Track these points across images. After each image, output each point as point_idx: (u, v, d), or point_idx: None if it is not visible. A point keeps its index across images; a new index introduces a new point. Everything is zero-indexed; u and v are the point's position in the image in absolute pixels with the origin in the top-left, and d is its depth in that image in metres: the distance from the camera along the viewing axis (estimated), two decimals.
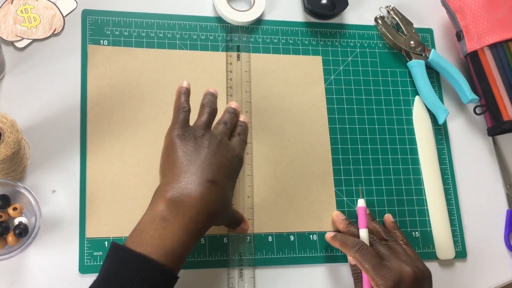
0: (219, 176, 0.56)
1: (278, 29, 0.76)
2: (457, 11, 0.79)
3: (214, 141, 0.58)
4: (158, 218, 0.53)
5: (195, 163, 0.56)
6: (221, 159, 0.57)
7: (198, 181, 0.54)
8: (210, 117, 0.61)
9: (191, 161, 0.56)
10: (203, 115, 0.61)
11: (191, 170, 0.55)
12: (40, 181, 0.64)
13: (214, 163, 0.56)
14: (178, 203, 0.53)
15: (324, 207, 0.70)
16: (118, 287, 0.49)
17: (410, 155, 0.76)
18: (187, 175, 0.55)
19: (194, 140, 0.57)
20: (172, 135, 0.58)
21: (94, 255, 0.63)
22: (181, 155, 0.56)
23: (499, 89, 0.77)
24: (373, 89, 0.77)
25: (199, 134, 0.58)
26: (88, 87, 0.68)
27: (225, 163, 0.57)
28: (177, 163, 0.56)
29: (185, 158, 0.56)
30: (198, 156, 0.56)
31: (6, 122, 0.56)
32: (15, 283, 0.61)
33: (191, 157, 0.56)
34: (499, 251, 0.75)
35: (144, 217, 0.54)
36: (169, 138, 0.58)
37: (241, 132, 0.63)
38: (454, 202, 0.75)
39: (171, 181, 0.55)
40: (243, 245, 0.67)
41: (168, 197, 0.53)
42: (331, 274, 0.69)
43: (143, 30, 0.72)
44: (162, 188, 0.55)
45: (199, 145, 0.57)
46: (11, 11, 0.69)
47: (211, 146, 0.57)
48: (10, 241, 0.59)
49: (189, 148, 0.57)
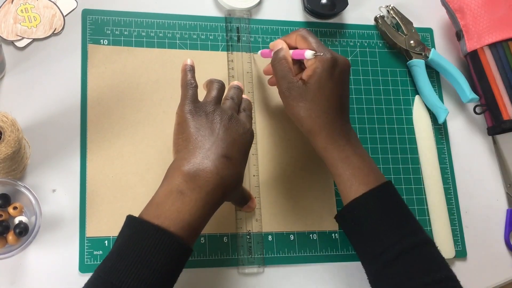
0: (233, 151, 0.57)
1: (278, 29, 0.77)
2: (457, 10, 0.79)
3: (225, 117, 0.59)
4: (175, 191, 0.53)
5: (209, 138, 0.57)
6: (234, 134, 0.58)
7: (214, 156, 0.55)
8: (219, 93, 0.62)
9: (205, 137, 0.57)
10: (213, 90, 0.62)
11: (206, 146, 0.56)
12: (40, 180, 0.64)
13: (227, 138, 0.57)
14: (195, 177, 0.54)
15: (324, 206, 0.70)
16: (136, 258, 0.50)
17: (410, 154, 0.76)
18: (202, 151, 0.56)
19: (205, 115, 0.58)
20: (184, 111, 0.59)
21: (94, 254, 0.63)
22: (194, 131, 0.57)
23: (499, 89, 0.77)
24: (373, 88, 0.77)
25: (210, 110, 0.59)
26: (88, 86, 0.68)
27: (238, 138, 0.58)
28: (191, 139, 0.57)
29: (198, 134, 0.57)
30: (212, 131, 0.57)
31: (7, 121, 0.56)
32: (15, 283, 0.61)
33: (204, 132, 0.57)
34: (499, 250, 0.75)
35: (160, 191, 0.55)
36: (181, 114, 0.59)
37: (246, 108, 0.64)
38: (454, 202, 0.75)
39: (187, 156, 0.56)
40: (250, 222, 0.68)
41: (185, 171, 0.54)
42: (331, 274, 0.69)
43: (143, 30, 0.72)
44: (178, 162, 0.56)
45: (211, 120, 0.58)
46: (11, 11, 0.69)
47: (223, 122, 0.58)
48: (10, 240, 0.59)
49: (202, 124, 0.58)
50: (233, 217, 0.68)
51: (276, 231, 0.68)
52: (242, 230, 0.67)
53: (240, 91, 0.65)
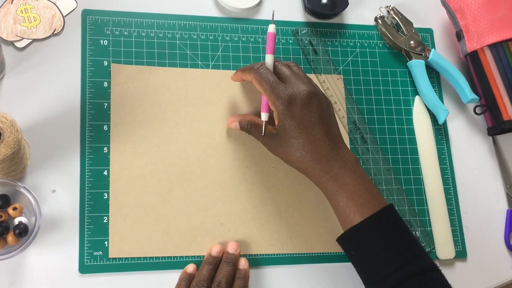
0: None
1: (278, 29, 0.76)
2: (457, 11, 0.79)
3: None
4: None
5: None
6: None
7: None
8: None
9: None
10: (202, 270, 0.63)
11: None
12: (40, 181, 0.64)
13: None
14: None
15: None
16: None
17: (410, 155, 0.76)
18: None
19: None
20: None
21: (94, 255, 0.63)
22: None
23: (499, 89, 0.77)
24: (373, 89, 0.77)
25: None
26: (111, 106, 0.67)
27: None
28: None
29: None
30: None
31: (6, 122, 0.56)
32: (15, 283, 0.61)
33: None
34: (499, 251, 0.75)
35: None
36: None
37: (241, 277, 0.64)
38: (454, 202, 0.75)
39: None
40: None
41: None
42: (330, 273, 0.69)
43: (143, 30, 0.72)
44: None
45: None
46: (11, 11, 0.69)
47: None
48: (10, 241, 0.59)
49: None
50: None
51: (297, 253, 0.68)
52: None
53: (232, 266, 0.64)
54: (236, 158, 0.69)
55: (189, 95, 0.70)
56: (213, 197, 0.67)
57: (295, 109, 0.61)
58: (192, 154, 0.68)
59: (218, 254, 0.64)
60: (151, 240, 0.64)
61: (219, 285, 0.61)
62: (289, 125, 0.61)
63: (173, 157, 0.67)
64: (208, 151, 0.69)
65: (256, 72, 0.63)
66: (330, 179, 0.60)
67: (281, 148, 0.63)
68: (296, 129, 0.61)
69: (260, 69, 0.63)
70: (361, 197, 0.59)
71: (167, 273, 0.64)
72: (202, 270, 0.63)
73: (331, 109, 0.64)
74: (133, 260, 0.64)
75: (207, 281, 0.61)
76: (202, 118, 0.69)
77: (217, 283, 0.61)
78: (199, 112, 0.70)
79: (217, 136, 0.69)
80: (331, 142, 0.61)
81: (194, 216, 0.66)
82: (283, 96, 0.61)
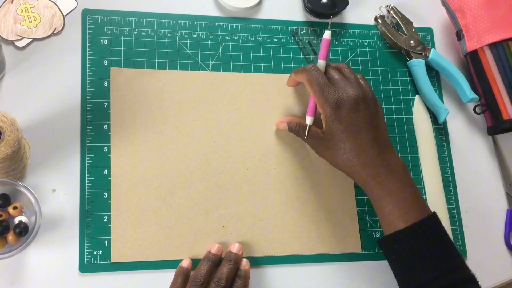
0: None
1: (278, 28, 0.76)
2: (457, 10, 0.79)
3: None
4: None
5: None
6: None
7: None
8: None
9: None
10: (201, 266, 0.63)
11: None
12: (40, 180, 0.64)
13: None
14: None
15: (346, 228, 0.70)
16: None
17: (410, 154, 0.76)
18: None
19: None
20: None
21: (94, 254, 0.63)
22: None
23: (499, 88, 0.77)
24: (373, 88, 0.77)
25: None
26: (111, 110, 0.67)
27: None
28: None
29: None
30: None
31: (6, 121, 0.56)
32: (15, 283, 0.61)
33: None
34: (499, 250, 0.75)
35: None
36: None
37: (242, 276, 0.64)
38: (454, 201, 0.75)
39: None
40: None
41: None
42: (331, 273, 0.69)
43: (143, 30, 0.72)
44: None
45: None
46: (11, 10, 0.69)
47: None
48: (10, 240, 0.59)
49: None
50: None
51: (300, 254, 0.68)
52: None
53: (233, 265, 0.63)
54: (236, 160, 0.69)
55: (189, 97, 0.70)
56: (215, 199, 0.67)
57: (342, 113, 0.61)
58: (193, 157, 0.68)
59: (217, 252, 0.64)
60: (153, 244, 0.64)
61: (219, 282, 0.61)
62: (336, 129, 0.61)
63: (174, 160, 0.67)
64: (209, 153, 0.68)
65: (308, 73, 0.64)
66: (377, 185, 0.61)
67: (328, 152, 0.63)
68: (343, 134, 0.61)
69: (312, 70, 0.63)
70: (406, 205, 0.60)
71: (167, 273, 0.64)
72: (201, 266, 0.63)
73: (380, 113, 0.64)
74: None
75: (205, 276, 0.61)
76: (202, 121, 0.69)
77: (217, 279, 0.61)
78: (199, 114, 0.70)
79: (217, 139, 0.69)
80: (378, 147, 0.62)
81: (195, 219, 0.66)
82: (331, 100, 0.61)
